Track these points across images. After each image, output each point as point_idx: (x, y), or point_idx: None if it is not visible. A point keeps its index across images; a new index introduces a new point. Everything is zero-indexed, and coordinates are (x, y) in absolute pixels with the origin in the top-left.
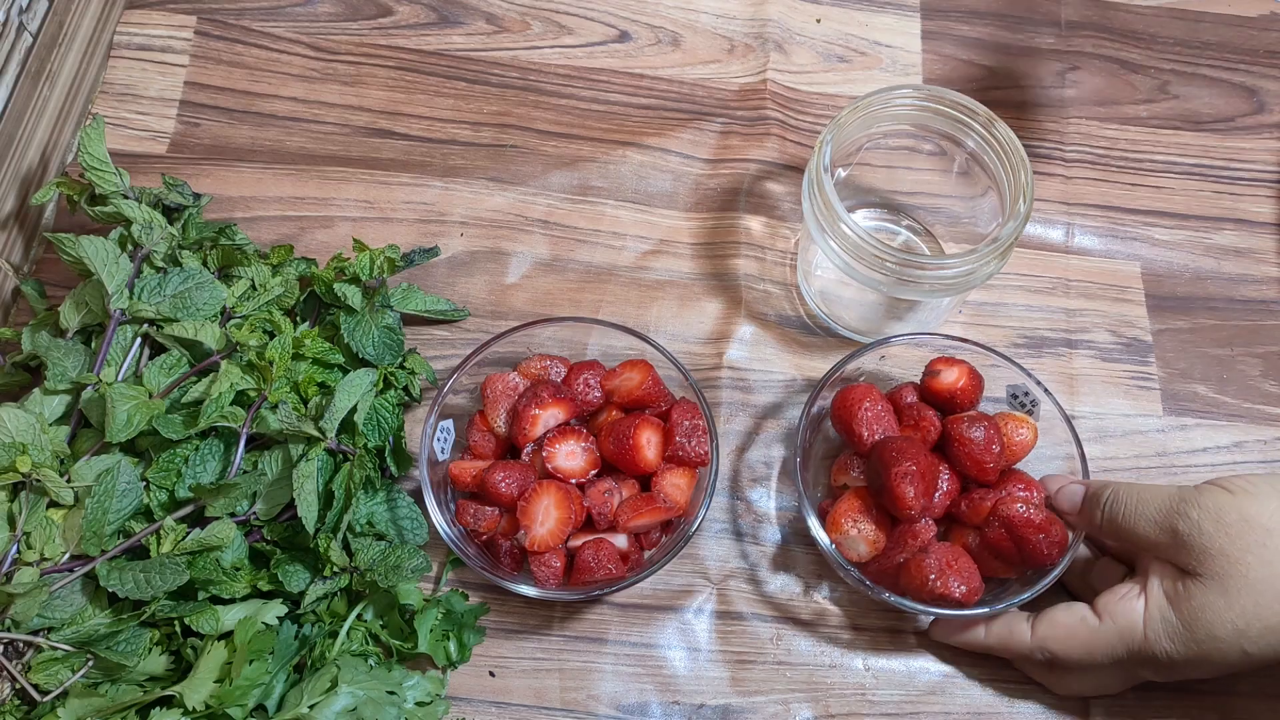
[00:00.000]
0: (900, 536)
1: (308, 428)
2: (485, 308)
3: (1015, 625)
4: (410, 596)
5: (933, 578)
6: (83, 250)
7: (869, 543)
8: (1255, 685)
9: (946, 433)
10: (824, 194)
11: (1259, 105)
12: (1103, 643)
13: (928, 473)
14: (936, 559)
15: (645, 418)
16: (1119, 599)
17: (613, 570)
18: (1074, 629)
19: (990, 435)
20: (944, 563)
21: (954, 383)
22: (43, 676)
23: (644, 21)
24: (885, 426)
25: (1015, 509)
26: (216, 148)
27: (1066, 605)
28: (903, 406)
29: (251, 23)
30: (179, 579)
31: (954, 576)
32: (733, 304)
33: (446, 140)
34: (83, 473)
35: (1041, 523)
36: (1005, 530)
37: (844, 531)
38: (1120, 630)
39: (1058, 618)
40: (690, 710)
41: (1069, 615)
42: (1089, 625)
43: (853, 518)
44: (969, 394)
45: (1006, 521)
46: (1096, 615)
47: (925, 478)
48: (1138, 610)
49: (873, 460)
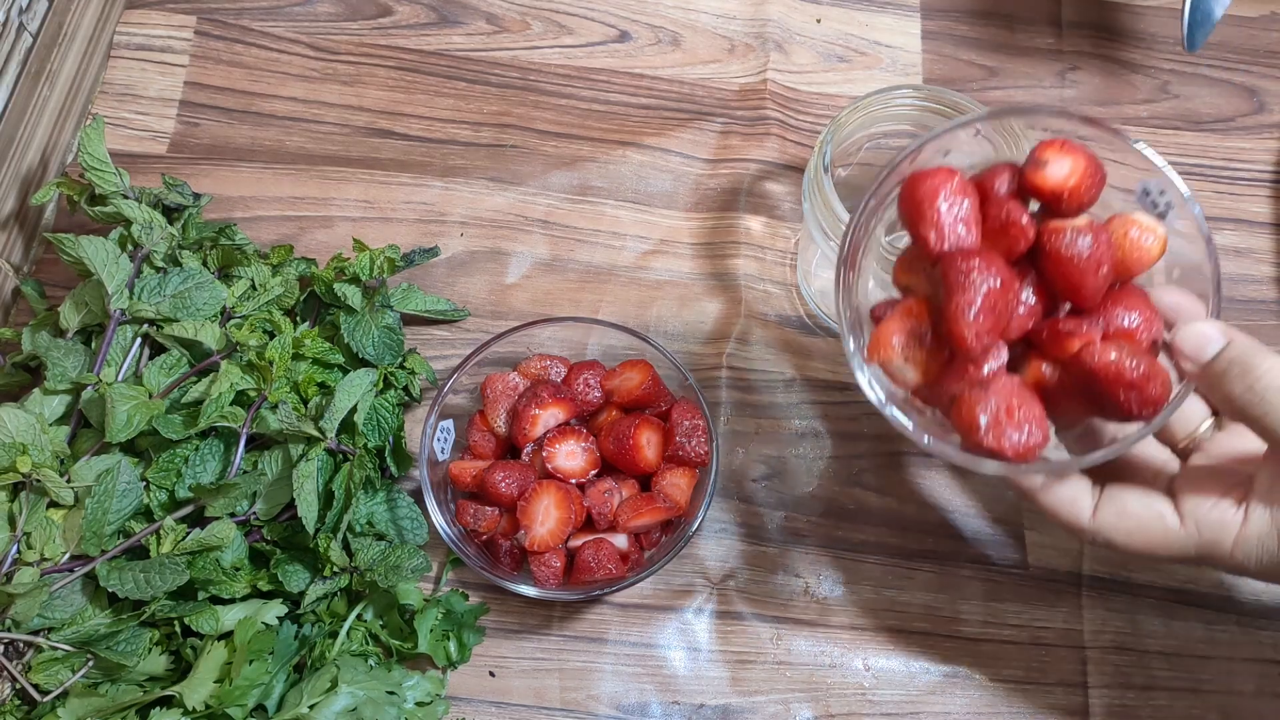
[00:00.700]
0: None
1: (308, 428)
2: (485, 308)
3: (1079, 496)
4: (410, 596)
5: (984, 425)
6: (83, 250)
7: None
8: (1259, 685)
9: (1040, 244)
10: (824, 194)
11: (1259, 105)
12: (1175, 547)
13: (1000, 303)
14: (995, 401)
15: (645, 418)
16: (1212, 506)
17: (613, 570)
18: (1147, 525)
19: (1098, 253)
20: (1002, 408)
21: (1064, 180)
22: (43, 676)
23: (644, 21)
24: (963, 230)
25: (1108, 356)
26: (216, 148)
27: (1142, 494)
28: (991, 199)
29: (251, 23)
30: (179, 579)
31: (1011, 428)
32: (733, 304)
33: (446, 140)
34: (83, 473)
35: (1135, 379)
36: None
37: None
38: (1202, 542)
39: (1129, 506)
40: (690, 710)
41: (1144, 508)
42: (1166, 525)
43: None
44: (1081, 196)
45: (1091, 371)
46: (1179, 516)
47: (998, 310)
48: (1232, 526)
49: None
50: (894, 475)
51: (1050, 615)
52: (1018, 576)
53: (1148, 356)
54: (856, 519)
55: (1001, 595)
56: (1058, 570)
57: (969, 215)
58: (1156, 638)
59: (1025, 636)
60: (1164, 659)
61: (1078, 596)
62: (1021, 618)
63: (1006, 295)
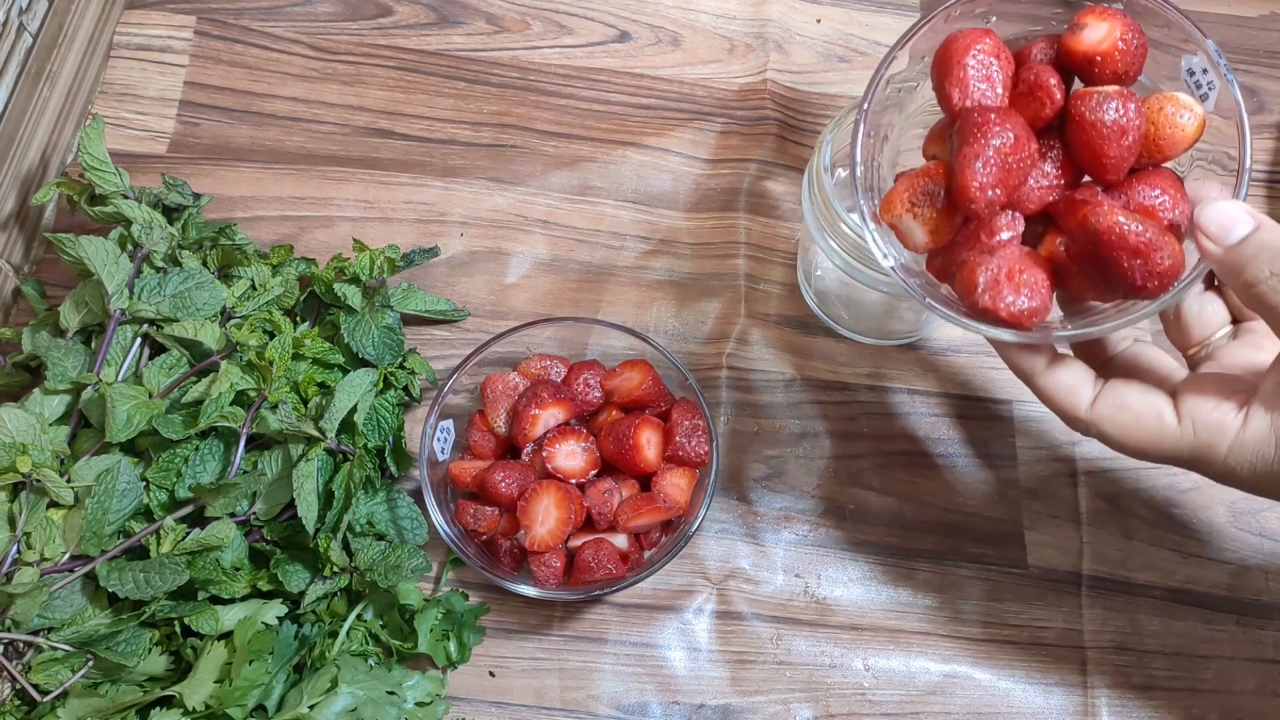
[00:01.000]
0: (971, 232)
1: (308, 428)
2: (485, 308)
3: (1078, 384)
4: (410, 596)
5: (981, 287)
6: (83, 250)
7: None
8: (1259, 684)
9: (1067, 110)
10: (824, 194)
11: (1259, 105)
12: (1169, 446)
13: (1012, 161)
14: (998, 264)
15: (645, 418)
16: (1213, 408)
17: (613, 570)
18: (1143, 420)
19: (1123, 119)
20: (1003, 271)
21: (1099, 43)
22: (43, 676)
23: (644, 21)
24: (987, 89)
25: (1111, 220)
26: (216, 148)
27: (1143, 389)
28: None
29: (251, 22)
30: (179, 579)
31: (1009, 290)
32: (733, 304)
33: (446, 140)
34: (83, 473)
35: (1141, 245)
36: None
37: (897, 214)
38: (1196, 443)
39: (1128, 400)
40: (690, 710)
41: (1143, 404)
42: (1163, 423)
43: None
44: (1116, 62)
45: (1094, 235)
46: (1177, 415)
47: (1008, 167)
48: (1230, 430)
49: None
50: (894, 475)
51: (1050, 615)
52: (1018, 576)
53: (1158, 226)
54: (856, 519)
55: (1001, 595)
56: (1058, 570)
57: (997, 76)
58: (1156, 638)
59: (1025, 636)
60: (1164, 659)
61: (1078, 596)
62: (1021, 618)
63: (1019, 154)
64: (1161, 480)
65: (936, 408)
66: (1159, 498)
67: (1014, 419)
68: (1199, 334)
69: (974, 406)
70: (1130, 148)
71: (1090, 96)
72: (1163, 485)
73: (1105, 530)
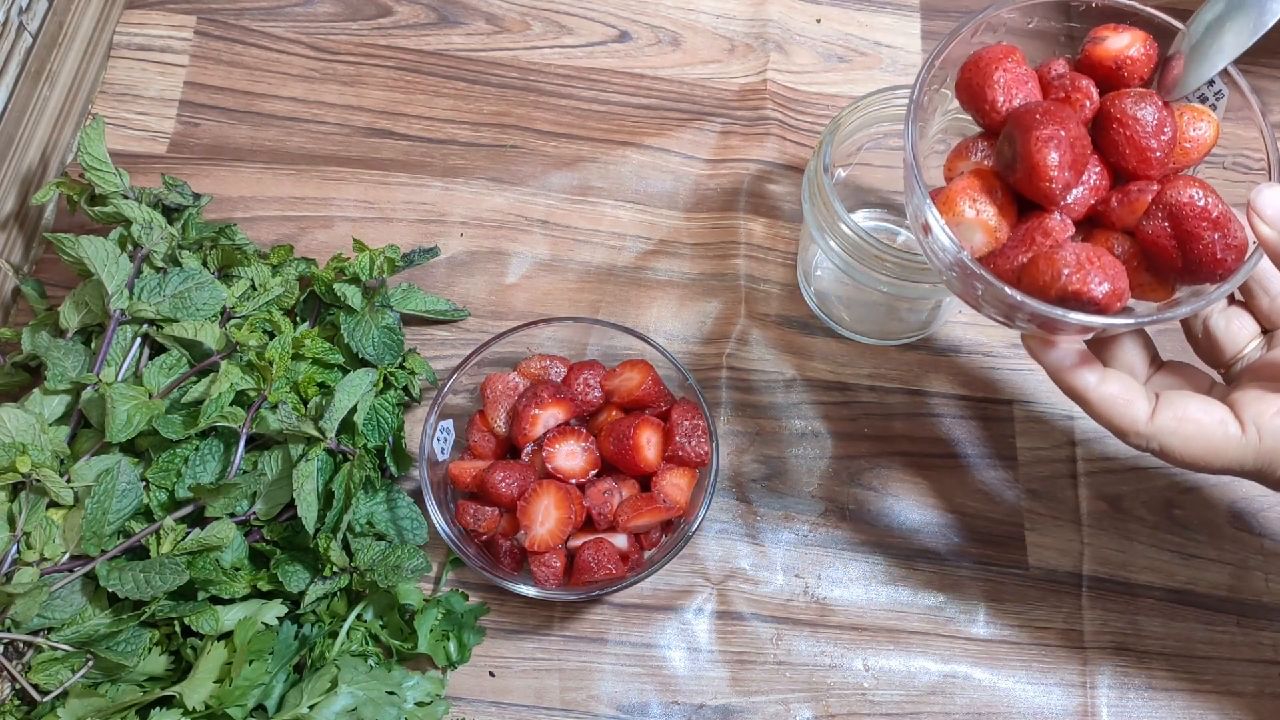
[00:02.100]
0: (1028, 232)
1: (308, 428)
2: (485, 308)
3: (1135, 398)
4: (410, 596)
5: (1068, 271)
6: (83, 250)
7: (988, 230)
8: (1259, 685)
9: (1104, 111)
10: (824, 194)
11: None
12: (1233, 455)
13: (1078, 145)
14: (1075, 253)
15: (645, 418)
16: (1276, 413)
17: (613, 570)
18: (1207, 431)
19: (1163, 117)
20: (1084, 257)
21: (1124, 49)
22: (43, 676)
23: (644, 21)
24: (1028, 94)
25: (1190, 194)
26: (216, 148)
27: (1203, 400)
28: (1050, 80)
29: (251, 23)
30: (179, 579)
31: (1095, 272)
32: (733, 304)
33: (446, 140)
34: (83, 473)
35: (1220, 217)
36: (1170, 223)
37: (958, 212)
38: (1261, 450)
39: (1190, 411)
40: (690, 710)
41: (1206, 413)
42: (1226, 432)
43: (971, 197)
44: (1141, 68)
45: (1173, 211)
46: (1239, 423)
47: (1075, 149)
48: None
49: (1008, 128)
50: (894, 475)
51: (1050, 615)
52: (1018, 576)
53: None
54: (856, 519)
55: (1001, 595)
56: (1058, 570)
57: (1033, 83)
58: (1156, 639)
59: (1025, 636)
60: (1164, 659)
61: (1078, 597)
62: (1021, 618)
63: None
64: (1162, 481)
65: (937, 408)
66: (1159, 499)
67: (1014, 419)
68: (1231, 349)
69: (974, 407)
70: (1170, 143)
71: (1128, 96)
72: (1163, 486)
73: (1106, 531)
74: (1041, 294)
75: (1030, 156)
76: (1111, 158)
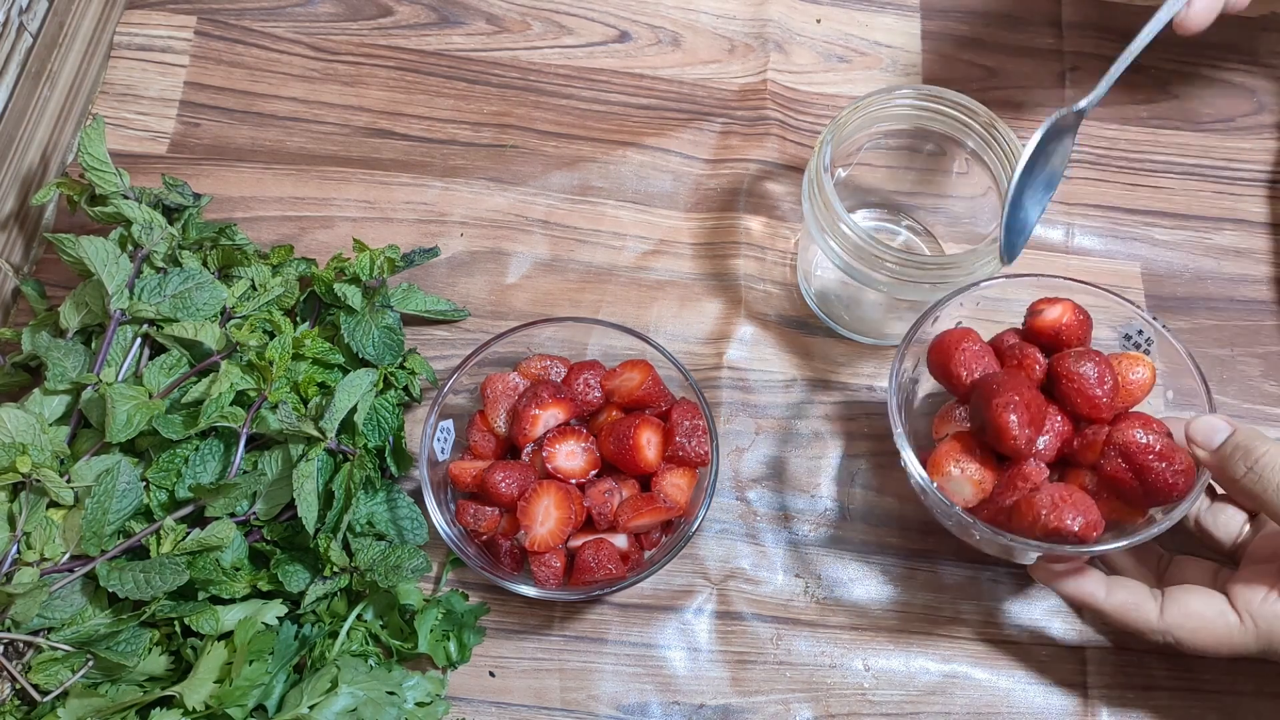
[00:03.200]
0: (1010, 479)
1: (308, 428)
2: (485, 308)
3: (1142, 601)
4: (410, 596)
5: (1045, 512)
6: (83, 250)
7: (974, 484)
8: (1259, 685)
9: (1053, 370)
10: (824, 194)
11: (1259, 105)
12: (1237, 643)
13: (1033, 405)
14: (1049, 494)
15: (645, 418)
16: (1262, 600)
17: (613, 570)
18: (1210, 623)
19: (1101, 370)
20: (1057, 497)
21: (1058, 319)
22: (43, 676)
23: (644, 21)
24: (985, 366)
25: (1133, 434)
26: (216, 148)
27: (1204, 594)
28: (1004, 349)
29: (251, 23)
30: (179, 579)
31: (1069, 509)
32: (733, 304)
33: (446, 140)
34: (83, 473)
35: (1163, 449)
36: (1123, 460)
37: (946, 472)
38: (1261, 634)
39: (1192, 607)
40: (690, 710)
41: (1206, 606)
42: (1227, 622)
43: (955, 458)
44: (1075, 332)
45: (1123, 449)
46: (1235, 613)
47: (1031, 409)
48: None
49: (974, 398)
50: (894, 475)
51: (1050, 615)
52: (1018, 577)
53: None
54: (856, 519)
55: (1001, 595)
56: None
57: (989, 357)
58: None
59: (1025, 636)
60: (1164, 659)
61: None
62: (1021, 618)
63: (1037, 401)
64: None
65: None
66: None
67: None
68: (1226, 538)
69: None
70: (1112, 389)
71: (1068, 356)
72: None
73: None
74: (1028, 533)
75: (994, 421)
76: (1067, 407)
